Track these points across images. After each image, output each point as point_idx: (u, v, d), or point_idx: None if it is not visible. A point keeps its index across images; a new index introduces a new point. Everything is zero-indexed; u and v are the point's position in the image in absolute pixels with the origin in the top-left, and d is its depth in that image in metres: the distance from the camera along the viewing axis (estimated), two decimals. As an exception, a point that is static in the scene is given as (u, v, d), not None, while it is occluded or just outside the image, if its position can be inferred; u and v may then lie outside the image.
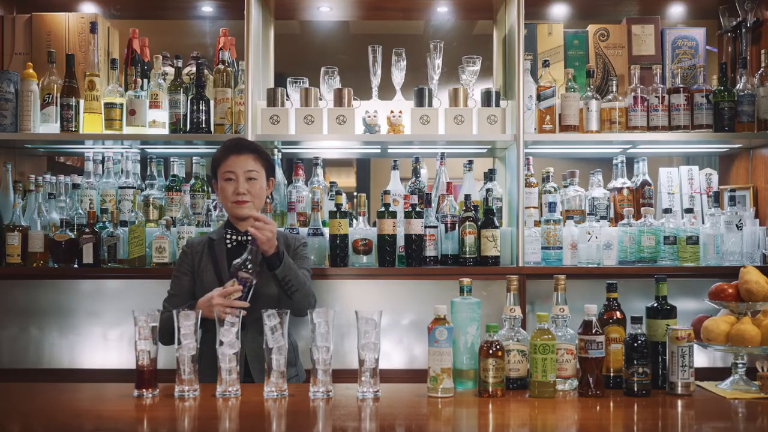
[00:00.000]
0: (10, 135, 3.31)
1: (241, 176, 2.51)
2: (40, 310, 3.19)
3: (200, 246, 2.59)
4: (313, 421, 1.87)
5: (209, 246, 2.57)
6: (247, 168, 2.52)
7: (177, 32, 4.38)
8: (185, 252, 2.60)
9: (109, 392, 2.18)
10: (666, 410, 1.95)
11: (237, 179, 2.51)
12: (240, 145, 2.56)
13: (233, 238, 2.56)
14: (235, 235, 2.56)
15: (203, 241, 2.60)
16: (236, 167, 2.51)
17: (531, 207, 3.33)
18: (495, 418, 1.89)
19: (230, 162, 2.52)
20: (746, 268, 2.21)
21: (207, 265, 2.54)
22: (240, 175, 2.51)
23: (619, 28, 3.60)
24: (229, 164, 2.52)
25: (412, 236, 3.20)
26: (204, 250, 2.57)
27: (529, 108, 3.32)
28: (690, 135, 3.31)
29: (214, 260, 2.54)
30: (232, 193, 2.51)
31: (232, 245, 2.55)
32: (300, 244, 2.66)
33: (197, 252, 2.57)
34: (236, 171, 2.51)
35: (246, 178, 2.51)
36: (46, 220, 3.29)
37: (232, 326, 2.05)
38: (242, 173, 2.51)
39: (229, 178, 2.52)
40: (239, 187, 2.50)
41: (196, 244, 2.60)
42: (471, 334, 2.13)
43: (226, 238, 2.56)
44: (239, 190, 2.50)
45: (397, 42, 3.50)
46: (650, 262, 3.23)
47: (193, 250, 2.58)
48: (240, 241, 2.55)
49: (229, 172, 2.52)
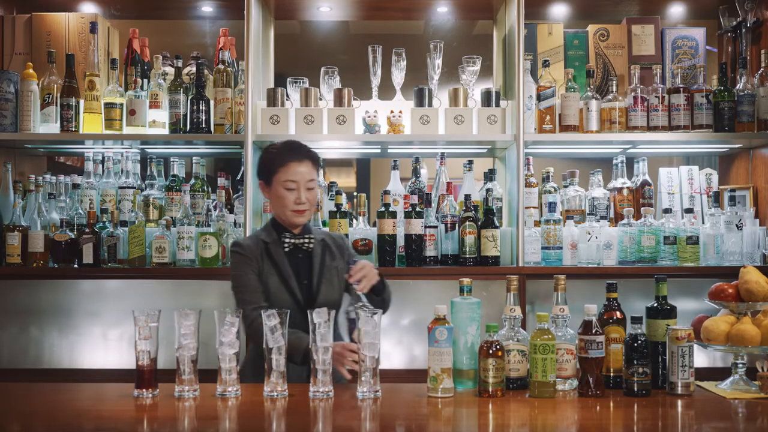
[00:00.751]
0: (10, 135, 3.31)
1: (302, 186, 2.46)
2: (40, 310, 3.20)
3: (257, 249, 2.50)
4: (313, 421, 1.87)
5: (265, 249, 2.50)
6: (308, 178, 2.47)
7: (177, 32, 4.38)
8: (241, 253, 2.49)
9: (109, 392, 2.18)
10: (666, 410, 1.95)
11: (299, 189, 2.45)
12: (300, 152, 2.50)
13: (291, 242, 2.49)
14: (292, 239, 2.50)
15: (257, 244, 2.51)
16: (298, 177, 2.45)
17: (531, 207, 3.33)
18: (495, 418, 1.88)
19: (291, 170, 2.45)
20: (746, 268, 2.21)
21: (270, 271, 2.47)
22: (302, 185, 2.45)
23: (619, 28, 3.60)
24: (291, 173, 2.45)
25: (412, 236, 3.20)
26: (262, 254, 2.49)
27: (529, 108, 3.32)
28: (690, 135, 3.31)
29: (275, 265, 2.48)
30: (293, 202, 2.45)
31: (289, 248, 2.49)
32: (348, 245, 2.67)
33: (255, 255, 2.48)
34: (299, 181, 2.45)
35: (306, 188, 2.47)
36: (46, 220, 3.29)
37: (232, 326, 2.05)
38: (304, 183, 2.46)
39: (290, 188, 2.46)
40: (300, 197, 2.45)
41: (253, 247, 2.50)
42: (471, 334, 2.13)
43: (284, 243, 2.49)
44: (301, 200, 2.45)
45: (397, 42, 3.50)
46: (650, 262, 3.23)
47: (250, 253, 2.48)
48: (296, 245, 2.50)
49: (291, 181, 2.45)
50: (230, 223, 3.27)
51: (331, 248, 2.56)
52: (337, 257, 2.55)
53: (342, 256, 2.56)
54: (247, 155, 3.24)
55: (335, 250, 2.56)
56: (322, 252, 2.54)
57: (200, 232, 3.20)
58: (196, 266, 3.20)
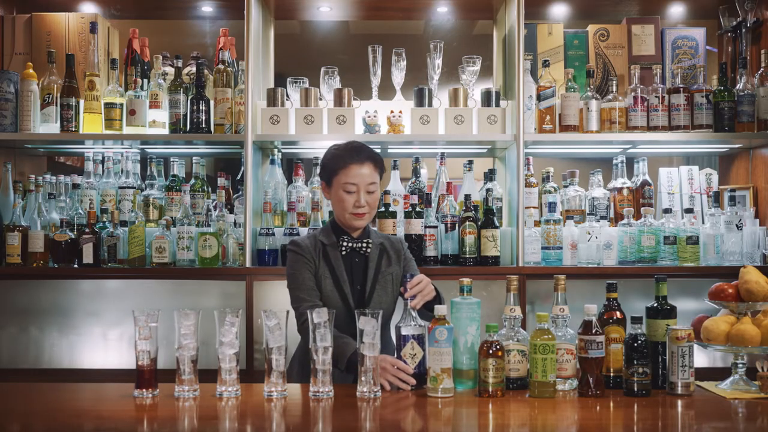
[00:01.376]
0: (10, 135, 3.32)
1: (362, 189, 2.42)
2: (40, 310, 3.20)
3: (314, 250, 2.47)
4: (313, 421, 1.87)
5: (323, 251, 2.47)
6: (369, 181, 2.43)
7: (177, 32, 4.38)
8: (297, 252, 2.46)
9: (109, 392, 2.18)
10: (666, 410, 1.95)
11: (358, 192, 2.42)
12: (362, 153, 2.45)
13: (348, 245, 2.47)
14: (350, 242, 2.47)
15: (315, 245, 2.48)
16: (358, 180, 2.42)
17: (531, 207, 3.33)
18: (495, 418, 1.88)
19: (352, 172, 2.42)
20: (746, 268, 2.21)
21: (325, 272, 2.45)
22: (362, 188, 2.42)
23: (619, 28, 3.60)
24: (352, 175, 2.42)
25: (412, 236, 3.20)
26: (318, 255, 2.47)
27: (529, 108, 3.32)
28: (690, 135, 3.31)
29: (331, 268, 2.45)
30: (353, 206, 2.42)
31: (346, 252, 2.47)
32: (405, 248, 2.59)
33: (312, 255, 2.46)
34: (358, 184, 2.42)
35: (366, 191, 2.43)
36: (46, 220, 3.29)
37: (232, 326, 2.05)
38: (364, 186, 2.43)
39: (349, 191, 2.42)
40: (360, 200, 2.42)
41: (310, 247, 2.47)
42: (471, 334, 2.12)
43: (341, 245, 2.47)
44: (360, 203, 2.42)
45: (397, 42, 3.50)
46: (650, 262, 3.23)
47: (309, 254, 2.45)
48: (353, 248, 2.47)
49: (351, 184, 2.41)
50: (230, 223, 3.27)
51: (388, 253, 2.52)
52: (393, 262, 2.51)
53: (399, 261, 2.52)
54: (247, 155, 3.24)
55: (392, 254, 2.52)
56: (379, 257, 2.50)
57: (200, 232, 3.19)
58: (196, 266, 3.20)
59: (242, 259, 3.22)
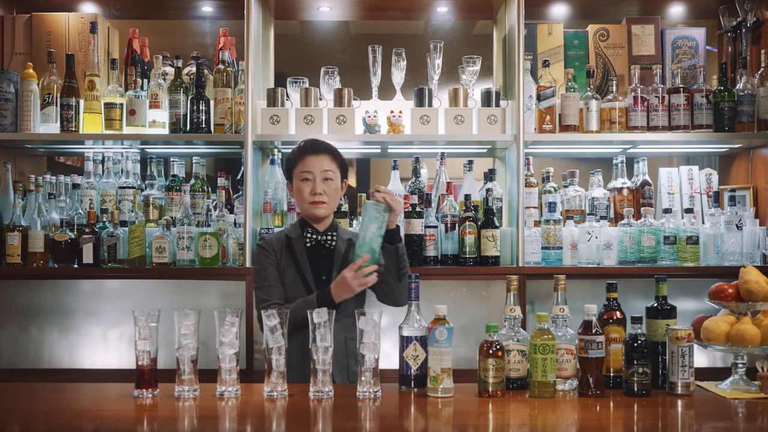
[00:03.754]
0: (10, 135, 3.32)
1: (318, 176, 2.51)
2: (40, 310, 3.20)
3: (278, 243, 2.56)
4: (313, 421, 1.87)
5: (287, 244, 2.55)
6: (324, 168, 2.52)
7: (177, 32, 4.37)
8: (264, 248, 2.55)
9: (109, 392, 2.18)
10: (666, 410, 1.95)
11: (314, 179, 2.51)
12: (316, 146, 2.56)
13: (312, 237, 2.54)
14: (314, 234, 2.55)
15: (280, 239, 2.57)
16: (313, 167, 2.51)
17: (531, 207, 3.33)
18: (495, 418, 1.88)
19: (308, 162, 2.52)
20: (746, 268, 2.21)
21: (288, 264, 2.53)
22: (317, 175, 2.51)
23: (619, 28, 3.60)
24: (307, 164, 2.52)
25: (413, 236, 3.20)
26: (282, 248, 2.55)
27: (529, 108, 3.32)
28: (690, 135, 3.31)
29: (294, 259, 2.53)
30: (309, 193, 2.51)
31: (311, 244, 2.54)
32: None
33: (276, 249, 2.55)
34: (313, 171, 2.51)
35: (323, 178, 2.51)
36: (46, 220, 3.29)
37: (232, 326, 2.05)
38: (319, 173, 2.51)
39: (306, 178, 2.52)
40: (316, 188, 2.50)
41: (274, 242, 2.56)
42: (371, 231, 2.38)
43: (306, 237, 2.54)
44: (316, 190, 2.50)
45: (397, 42, 3.50)
46: (650, 262, 3.23)
47: (272, 247, 2.55)
48: (319, 241, 2.54)
49: (306, 172, 2.52)
50: (230, 223, 3.27)
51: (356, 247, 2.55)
52: None
53: None
54: (247, 155, 3.24)
55: None
56: (346, 249, 2.56)
57: (200, 232, 3.19)
58: (196, 266, 3.20)
59: (242, 259, 3.22)
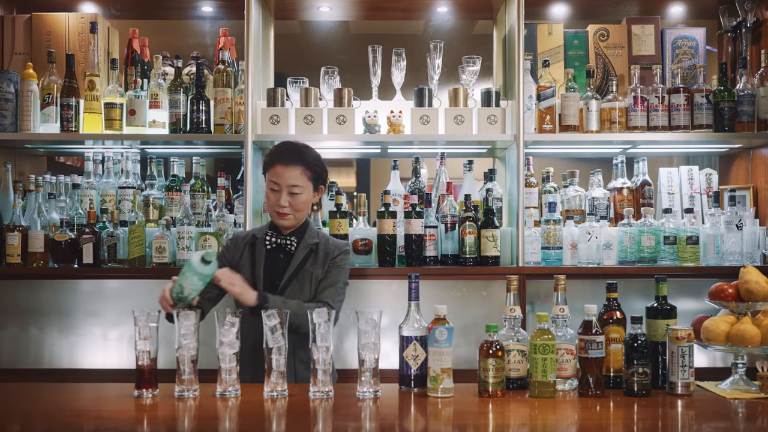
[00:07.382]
0: (10, 135, 3.31)
1: (284, 189, 2.50)
2: (40, 310, 3.19)
3: (243, 242, 2.60)
4: (313, 421, 1.87)
5: (251, 243, 2.59)
6: (291, 183, 2.49)
7: (177, 32, 4.38)
8: (228, 246, 2.63)
9: (109, 392, 2.18)
10: (666, 410, 1.95)
11: (280, 191, 2.51)
12: (288, 156, 2.52)
13: (273, 240, 2.55)
14: (276, 238, 2.56)
15: (247, 238, 2.61)
16: (281, 179, 2.50)
17: (531, 207, 3.33)
18: (495, 418, 1.89)
19: (277, 172, 2.51)
20: (746, 268, 2.21)
21: (246, 264, 2.55)
22: (283, 188, 2.50)
23: (619, 28, 3.60)
24: (276, 174, 2.51)
25: (412, 236, 3.20)
26: (245, 247, 2.59)
27: (529, 108, 3.32)
28: (690, 135, 3.31)
29: (252, 258, 2.56)
30: (274, 204, 2.52)
31: (271, 246, 2.55)
32: (341, 253, 2.58)
33: (239, 248, 2.59)
34: (280, 183, 2.50)
35: (289, 192, 2.50)
36: (46, 220, 3.29)
37: (232, 326, 2.05)
38: (285, 187, 2.50)
39: (273, 189, 2.52)
40: (281, 200, 2.50)
41: (240, 240, 2.62)
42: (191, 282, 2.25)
43: (266, 239, 2.55)
44: (280, 203, 2.50)
45: (397, 42, 3.50)
46: (650, 262, 3.23)
47: (236, 245, 2.61)
48: (279, 244, 2.55)
49: (273, 182, 2.52)
50: (230, 223, 3.27)
51: (317, 253, 2.56)
52: (318, 263, 2.54)
53: (324, 263, 2.55)
54: (247, 155, 3.24)
55: (321, 256, 2.55)
56: (305, 257, 2.55)
57: (200, 232, 3.19)
58: (196, 266, 3.19)
59: (242, 259, 3.21)
